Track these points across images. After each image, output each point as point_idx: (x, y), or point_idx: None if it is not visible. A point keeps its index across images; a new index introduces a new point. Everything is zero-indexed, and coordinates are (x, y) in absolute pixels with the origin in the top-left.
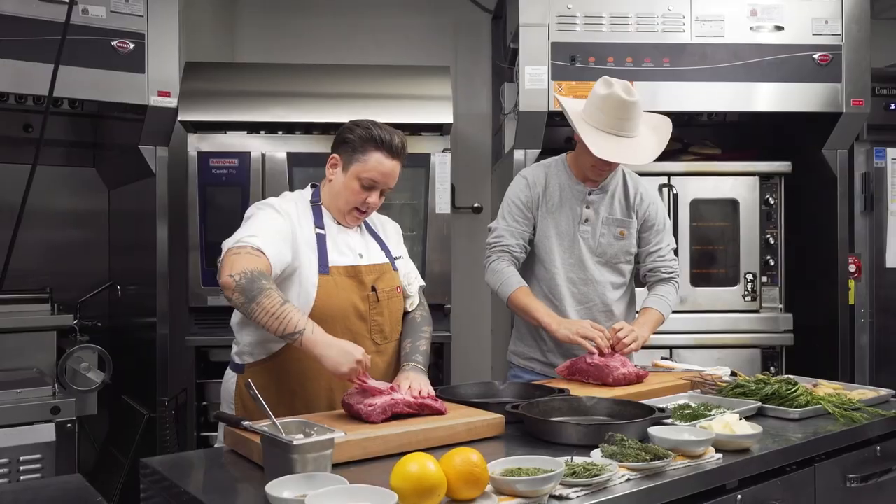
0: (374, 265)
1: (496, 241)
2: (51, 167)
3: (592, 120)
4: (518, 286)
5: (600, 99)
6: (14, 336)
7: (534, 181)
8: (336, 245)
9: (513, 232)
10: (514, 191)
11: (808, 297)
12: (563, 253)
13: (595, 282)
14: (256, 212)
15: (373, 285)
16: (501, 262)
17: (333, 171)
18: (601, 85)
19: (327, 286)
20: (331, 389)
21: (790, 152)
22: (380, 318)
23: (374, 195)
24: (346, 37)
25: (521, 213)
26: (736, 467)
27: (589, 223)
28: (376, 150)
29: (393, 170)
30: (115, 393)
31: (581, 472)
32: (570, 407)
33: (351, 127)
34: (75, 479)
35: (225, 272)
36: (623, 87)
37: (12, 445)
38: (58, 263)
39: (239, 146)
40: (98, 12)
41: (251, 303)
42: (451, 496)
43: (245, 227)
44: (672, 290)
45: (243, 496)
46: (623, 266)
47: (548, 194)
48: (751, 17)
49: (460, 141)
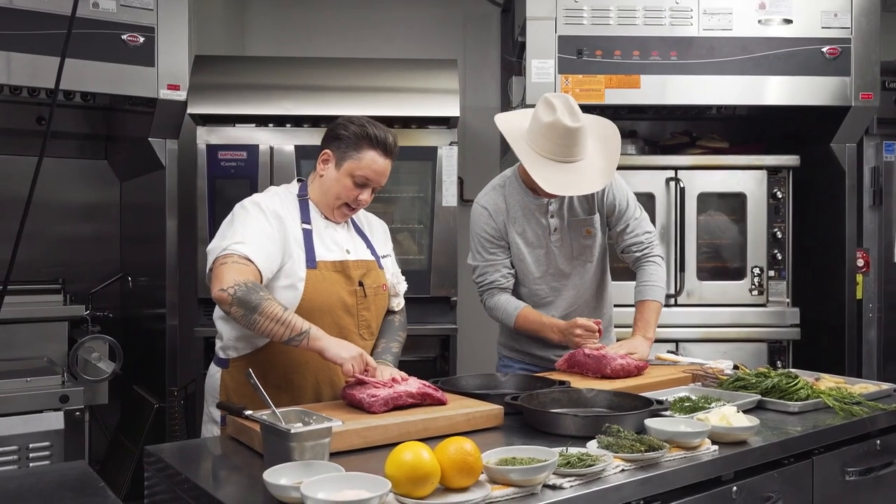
0: (361, 261)
1: (481, 281)
2: (64, 159)
3: (538, 147)
4: (516, 312)
5: (545, 127)
6: (27, 326)
7: (495, 209)
8: (322, 240)
9: (493, 265)
10: (479, 224)
11: (816, 292)
12: (539, 267)
13: (575, 285)
14: (241, 213)
15: (360, 280)
16: (493, 298)
17: (325, 166)
18: (544, 110)
19: (315, 280)
20: (317, 383)
21: (798, 146)
22: (367, 314)
23: (365, 192)
24: (357, 30)
25: (493, 244)
26: (731, 459)
27: (558, 231)
28: (371, 148)
29: (385, 168)
30: (127, 382)
31: (575, 462)
32: (570, 399)
33: (345, 124)
34: (79, 466)
35: (216, 286)
36: (567, 110)
37: (22, 433)
38: (70, 255)
39: (247, 139)
40: (108, 6)
41: (253, 314)
42: (445, 484)
43: (231, 231)
44: (655, 270)
45: (243, 483)
46: (596, 257)
47: (511, 217)
48: (759, 10)
49: (469, 134)
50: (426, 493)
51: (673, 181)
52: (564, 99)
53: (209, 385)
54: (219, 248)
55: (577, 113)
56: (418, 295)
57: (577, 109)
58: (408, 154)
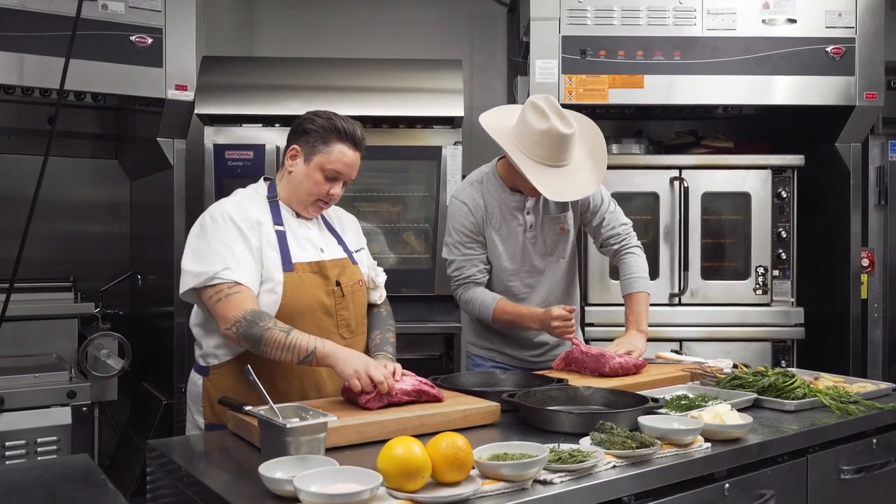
0: (336, 260)
1: (458, 274)
2: (76, 159)
3: (530, 152)
4: (493, 303)
5: (538, 134)
6: (38, 323)
7: (475, 206)
8: (297, 240)
9: (470, 260)
10: (458, 220)
11: (820, 291)
12: (514, 264)
13: (548, 281)
14: (214, 228)
15: (337, 280)
16: (469, 291)
17: (294, 162)
18: (535, 117)
19: (293, 283)
20: (302, 387)
21: (803, 146)
22: (346, 313)
23: (336, 186)
24: (364, 30)
25: (471, 239)
26: (724, 456)
27: (533, 228)
28: (339, 141)
29: (355, 161)
30: (137, 379)
31: (566, 458)
32: (567, 396)
33: (311, 118)
34: (82, 459)
35: (221, 325)
36: (557, 115)
37: (30, 427)
38: (81, 253)
39: (254, 139)
40: (117, 8)
41: (259, 346)
42: (436, 478)
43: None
44: (636, 261)
45: (241, 477)
46: (568, 254)
47: (489, 214)
48: (763, 10)
49: (476, 133)
50: (417, 487)
51: (677, 181)
52: (550, 101)
53: (191, 393)
54: (203, 275)
55: (566, 116)
56: (423, 293)
57: (564, 111)
58: (413, 154)
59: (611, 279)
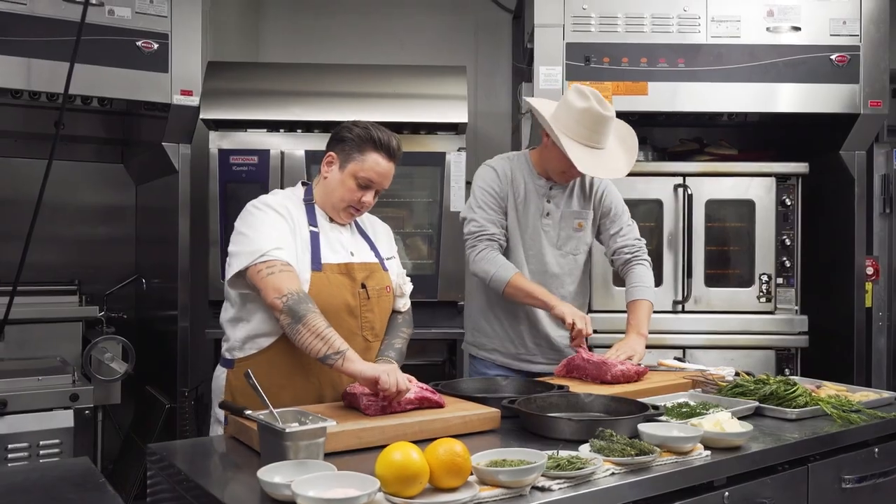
0: (365, 263)
1: (479, 231)
2: (82, 163)
3: (569, 131)
4: (515, 271)
5: (578, 112)
6: (43, 326)
7: (504, 174)
8: (329, 243)
9: (493, 221)
10: (485, 181)
11: (825, 300)
12: (524, 246)
13: (554, 275)
14: (260, 215)
15: (363, 282)
16: (490, 251)
17: (329, 168)
18: (577, 97)
19: (320, 283)
20: (320, 385)
21: (807, 153)
22: (370, 315)
23: (368, 194)
24: (370, 37)
25: (495, 202)
26: (723, 464)
27: (550, 217)
28: (374, 150)
29: (388, 171)
30: (140, 383)
31: (565, 464)
32: (568, 403)
33: (349, 126)
34: (82, 462)
35: (272, 294)
36: (598, 100)
37: (33, 430)
38: (87, 257)
39: (258, 144)
40: (124, 13)
41: (297, 324)
42: (434, 484)
43: (257, 235)
44: (644, 272)
45: (240, 481)
46: (580, 257)
47: (514, 187)
48: (767, 18)
49: (480, 139)
50: (415, 492)
51: (681, 188)
52: (593, 91)
53: (215, 386)
54: (255, 252)
55: (606, 104)
56: (426, 299)
57: (607, 102)
58: (417, 160)
59: (615, 286)
